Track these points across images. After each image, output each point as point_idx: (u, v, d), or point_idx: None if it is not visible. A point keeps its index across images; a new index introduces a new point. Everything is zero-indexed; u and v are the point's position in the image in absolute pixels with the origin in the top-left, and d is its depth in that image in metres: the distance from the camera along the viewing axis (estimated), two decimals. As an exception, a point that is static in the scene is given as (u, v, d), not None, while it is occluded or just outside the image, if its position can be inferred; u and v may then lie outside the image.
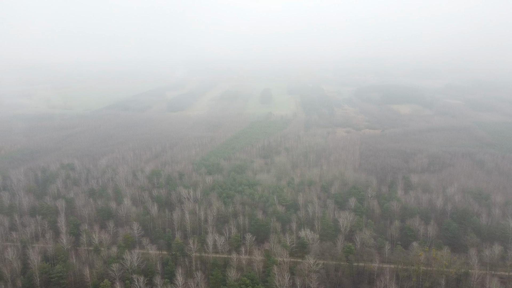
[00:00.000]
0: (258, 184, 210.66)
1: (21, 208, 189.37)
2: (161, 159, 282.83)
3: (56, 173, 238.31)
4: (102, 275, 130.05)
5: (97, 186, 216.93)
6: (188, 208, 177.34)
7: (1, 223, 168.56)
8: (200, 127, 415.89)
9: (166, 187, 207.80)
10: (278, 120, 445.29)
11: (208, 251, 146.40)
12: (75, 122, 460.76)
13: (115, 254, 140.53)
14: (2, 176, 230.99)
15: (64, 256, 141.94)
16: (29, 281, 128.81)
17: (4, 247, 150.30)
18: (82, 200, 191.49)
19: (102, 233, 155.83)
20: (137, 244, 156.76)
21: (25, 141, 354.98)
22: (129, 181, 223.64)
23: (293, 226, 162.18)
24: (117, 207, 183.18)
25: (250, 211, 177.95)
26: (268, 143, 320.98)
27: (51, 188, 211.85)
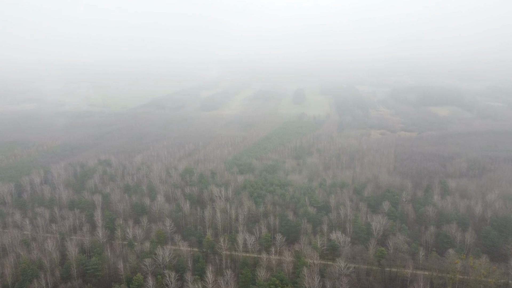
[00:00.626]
0: (289, 184, 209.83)
1: (60, 202, 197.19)
2: (194, 157, 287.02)
3: (94, 168, 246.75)
4: (135, 269, 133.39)
5: (132, 182, 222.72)
6: (220, 207, 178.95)
7: (42, 215, 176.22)
8: (233, 127, 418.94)
9: (198, 185, 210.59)
10: (310, 121, 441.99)
11: (238, 249, 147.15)
12: (112, 120, 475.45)
13: (148, 249, 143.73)
14: (44, 170, 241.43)
15: (99, 249, 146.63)
16: (67, 271, 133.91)
17: (45, 238, 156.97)
18: (118, 196, 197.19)
19: (136, 228, 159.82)
20: (169, 240, 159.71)
21: (66, 137, 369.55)
22: (162, 178, 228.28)
23: (324, 228, 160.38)
24: (151, 203, 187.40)
25: (281, 211, 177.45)
26: (300, 143, 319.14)
27: (89, 183, 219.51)
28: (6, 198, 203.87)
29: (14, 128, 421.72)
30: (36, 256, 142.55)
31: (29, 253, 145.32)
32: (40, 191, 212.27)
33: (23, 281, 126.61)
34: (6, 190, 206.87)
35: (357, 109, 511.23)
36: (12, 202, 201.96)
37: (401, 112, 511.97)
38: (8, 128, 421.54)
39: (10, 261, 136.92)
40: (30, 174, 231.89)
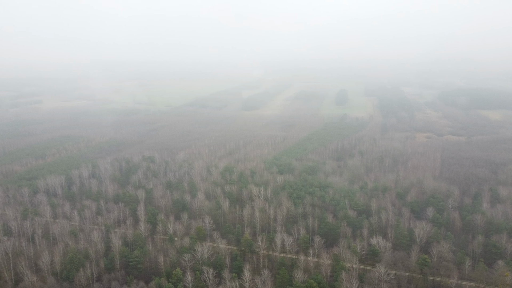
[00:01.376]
0: (329, 186, 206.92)
1: (106, 195, 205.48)
2: (234, 156, 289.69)
3: (138, 164, 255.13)
4: (174, 264, 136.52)
5: (174, 179, 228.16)
6: (258, 206, 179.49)
7: (89, 207, 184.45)
8: (274, 127, 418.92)
9: (238, 184, 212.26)
10: (353, 122, 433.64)
11: (276, 250, 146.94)
12: (157, 117, 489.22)
13: (188, 245, 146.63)
14: (92, 165, 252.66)
15: (141, 243, 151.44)
16: (111, 262, 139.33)
17: (91, 230, 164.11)
18: (160, 191, 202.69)
19: (176, 224, 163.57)
20: (208, 237, 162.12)
21: (113, 133, 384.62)
22: (203, 176, 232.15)
23: (364, 232, 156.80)
24: (191, 200, 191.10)
25: (320, 213, 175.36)
26: (342, 145, 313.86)
27: (133, 178, 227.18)
28: (57, 190, 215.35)
29: (66, 124, 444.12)
30: (83, 246, 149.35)
31: (77, 243, 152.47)
32: (88, 184, 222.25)
33: (71, 270, 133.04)
34: (58, 182, 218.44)
35: (402, 111, 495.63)
36: (62, 194, 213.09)
37: (449, 115, 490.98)
38: (60, 123, 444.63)
39: (59, 250, 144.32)
40: (79, 168, 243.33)
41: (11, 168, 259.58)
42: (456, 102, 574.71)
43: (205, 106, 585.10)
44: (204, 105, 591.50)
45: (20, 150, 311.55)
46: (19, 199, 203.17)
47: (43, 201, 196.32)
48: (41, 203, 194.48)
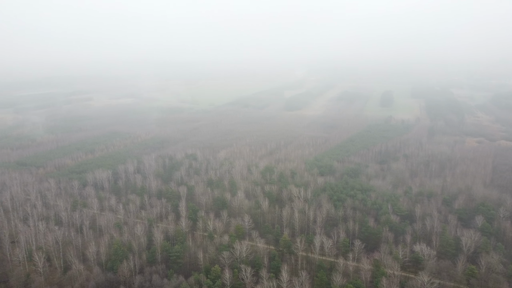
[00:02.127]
0: (371, 190, 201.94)
1: (150, 190, 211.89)
2: (275, 156, 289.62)
3: (181, 161, 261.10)
4: (213, 261, 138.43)
5: (215, 176, 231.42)
6: (298, 207, 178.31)
7: (133, 201, 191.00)
8: (315, 127, 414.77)
9: (278, 184, 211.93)
10: (398, 125, 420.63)
11: (314, 252, 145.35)
12: (200, 116, 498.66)
13: (226, 243, 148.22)
14: (137, 161, 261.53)
15: (182, 238, 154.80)
16: (152, 256, 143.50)
17: (135, 223, 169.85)
18: (201, 189, 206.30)
19: (216, 221, 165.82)
20: (247, 236, 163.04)
21: (158, 131, 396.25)
22: (243, 174, 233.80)
23: (407, 239, 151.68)
24: (231, 198, 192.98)
25: (361, 217, 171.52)
26: (386, 148, 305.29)
27: (176, 175, 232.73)
28: (105, 184, 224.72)
29: (114, 120, 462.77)
30: (127, 239, 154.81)
31: (121, 235, 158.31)
32: (133, 179, 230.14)
33: (115, 261, 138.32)
34: (105, 176, 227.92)
35: (451, 114, 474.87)
36: (109, 188, 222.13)
37: (502, 119, 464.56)
38: (109, 120, 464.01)
39: (105, 241, 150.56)
40: (125, 163, 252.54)
41: (63, 161, 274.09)
42: (510, 105, 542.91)
43: (247, 105, 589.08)
44: (246, 104, 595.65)
45: (71, 145, 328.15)
46: (70, 191, 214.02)
47: (91, 194, 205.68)
48: (89, 195, 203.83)
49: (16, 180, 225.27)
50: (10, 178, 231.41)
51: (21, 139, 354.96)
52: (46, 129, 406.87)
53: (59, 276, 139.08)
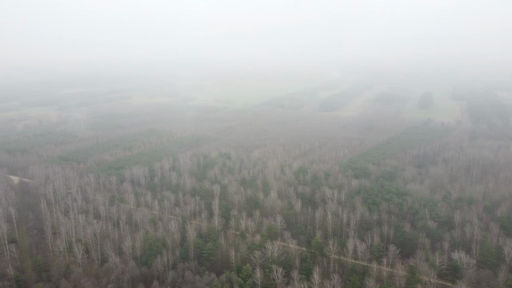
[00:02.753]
0: (408, 194, 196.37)
1: (184, 188, 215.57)
2: (308, 157, 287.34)
3: (215, 160, 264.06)
4: (245, 260, 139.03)
5: (248, 176, 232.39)
6: (331, 209, 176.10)
7: (168, 198, 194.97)
8: (351, 129, 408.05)
9: (311, 185, 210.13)
10: (437, 128, 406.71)
11: (347, 255, 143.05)
12: (234, 115, 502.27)
13: (258, 242, 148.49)
14: (172, 158, 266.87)
15: (215, 236, 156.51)
16: (185, 252, 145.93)
17: (169, 220, 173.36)
18: (234, 187, 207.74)
19: (248, 221, 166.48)
20: (278, 236, 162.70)
21: (193, 129, 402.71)
22: (277, 175, 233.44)
23: (444, 246, 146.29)
24: (264, 198, 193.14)
25: (397, 221, 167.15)
26: (424, 151, 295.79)
27: (210, 173, 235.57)
28: (141, 180, 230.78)
29: (151, 118, 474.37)
30: (161, 234, 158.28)
31: (156, 231, 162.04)
32: (168, 176, 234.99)
33: (149, 256, 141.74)
34: (141, 173, 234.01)
35: (495, 117, 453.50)
36: (145, 184, 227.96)
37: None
38: (147, 118, 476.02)
39: (140, 236, 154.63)
40: (161, 161, 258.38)
41: (102, 157, 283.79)
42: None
43: (282, 105, 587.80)
44: (281, 104, 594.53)
45: (110, 141, 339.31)
46: (108, 186, 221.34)
47: (128, 189, 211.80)
48: (126, 191, 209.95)
49: (59, 174, 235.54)
50: (53, 172, 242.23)
51: (64, 135, 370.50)
52: (87, 126, 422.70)
53: (96, 268, 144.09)
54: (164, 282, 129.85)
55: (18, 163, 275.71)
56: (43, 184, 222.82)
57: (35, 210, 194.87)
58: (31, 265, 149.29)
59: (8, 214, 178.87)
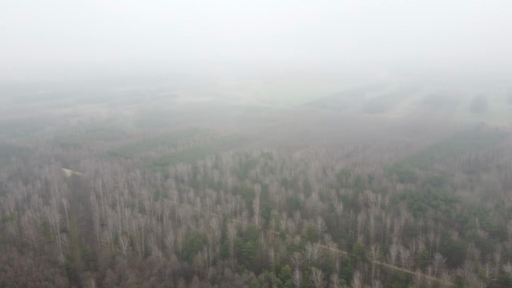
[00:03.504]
0: (457, 201, 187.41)
1: (226, 186, 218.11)
2: (352, 159, 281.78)
3: (256, 159, 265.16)
4: (284, 260, 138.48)
5: (289, 176, 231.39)
6: (374, 213, 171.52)
7: (210, 196, 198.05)
8: (397, 131, 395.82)
9: (354, 188, 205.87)
10: (491, 132, 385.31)
11: (389, 261, 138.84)
12: (277, 115, 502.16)
13: (298, 243, 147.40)
14: (215, 157, 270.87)
15: (254, 235, 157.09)
16: (225, 249, 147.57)
17: (210, 217, 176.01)
18: (275, 187, 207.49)
19: (288, 221, 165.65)
20: (319, 239, 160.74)
21: (236, 128, 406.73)
22: (318, 176, 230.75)
23: (496, 257, 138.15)
24: (305, 200, 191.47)
25: (444, 229, 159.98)
26: (476, 157, 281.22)
27: (251, 173, 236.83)
28: (184, 177, 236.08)
29: (196, 117, 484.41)
30: (202, 231, 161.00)
31: (197, 227, 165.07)
32: (211, 174, 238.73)
33: (190, 251, 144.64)
34: (185, 170, 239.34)
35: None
36: (188, 181, 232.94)
37: None
38: (191, 116, 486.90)
39: (182, 231, 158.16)
40: (204, 159, 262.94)
41: (148, 154, 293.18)
42: None
43: (326, 106, 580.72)
44: (325, 105, 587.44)
45: (156, 139, 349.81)
46: (153, 182, 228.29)
47: (172, 185, 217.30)
48: (170, 187, 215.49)
49: (108, 169, 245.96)
50: (103, 166, 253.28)
51: (113, 131, 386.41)
52: (135, 123, 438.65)
53: (140, 260, 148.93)
54: (204, 278, 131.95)
55: (71, 157, 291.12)
56: (93, 178, 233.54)
57: (85, 202, 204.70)
58: (80, 254, 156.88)
59: (61, 205, 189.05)
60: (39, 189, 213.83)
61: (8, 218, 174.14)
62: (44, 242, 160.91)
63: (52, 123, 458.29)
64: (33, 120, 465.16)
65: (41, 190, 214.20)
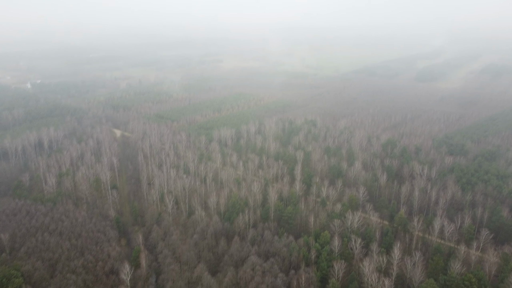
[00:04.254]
0: (510, 176, 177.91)
1: (268, 151, 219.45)
2: (399, 129, 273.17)
3: (300, 126, 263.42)
4: (323, 227, 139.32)
5: (333, 144, 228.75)
6: (419, 185, 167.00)
7: (252, 160, 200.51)
8: (450, 102, 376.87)
9: (399, 159, 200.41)
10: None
11: (432, 234, 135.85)
12: (323, 82, 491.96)
13: (339, 211, 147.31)
14: (258, 122, 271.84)
15: (295, 201, 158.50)
16: (266, 213, 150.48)
17: (252, 181, 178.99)
18: (318, 155, 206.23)
19: (330, 189, 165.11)
20: (360, 207, 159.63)
21: (280, 95, 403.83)
22: (363, 145, 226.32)
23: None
24: (348, 168, 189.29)
25: (493, 205, 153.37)
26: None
27: (294, 139, 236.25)
28: (228, 141, 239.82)
29: (241, 82, 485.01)
30: (244, 194, 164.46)
31: (239, 190, 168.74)
32: (254, 139, 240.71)
33: (232, 213, 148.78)
34: (229, 134, 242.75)
35: None
36: (231, 145, 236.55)
37: None
38: (236, 82, 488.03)
39: (225, 193, 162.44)
40: (247, 124, 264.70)
41: (194, 117, 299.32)
42: None
43: (374, 74, 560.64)
44: (373, 73, 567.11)
45: (202, 103, 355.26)
46: (198, 145, 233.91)
47: (216, 149, 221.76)
48: (214, 150, 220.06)
49: (155, 131, 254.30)
50: (150, 128, 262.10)
51: (161, 94, 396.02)
52: (181, 87, 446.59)
53: (184, 218, 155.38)
54: (244, 239, 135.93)
55: (121, 118, 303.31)
56: (141, 139, 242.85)
57: (133, 161, 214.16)
58: (128, 210, 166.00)
59: (111, 163, 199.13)
60: (92, 148, 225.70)
61: (64, 173, 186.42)
62: (96, 197, 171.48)
63: (104, 85, 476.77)
64: (86, 83, 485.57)
65: (93, 149, 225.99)
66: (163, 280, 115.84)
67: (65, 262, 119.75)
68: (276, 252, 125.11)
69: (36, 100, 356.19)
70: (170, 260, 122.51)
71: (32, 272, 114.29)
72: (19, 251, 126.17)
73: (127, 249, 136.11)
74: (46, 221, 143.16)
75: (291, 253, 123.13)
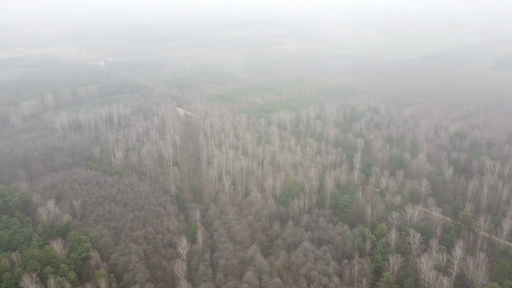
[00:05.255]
0: None
1: (327, 137, 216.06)
2: (470, 121, 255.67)
3: (362, 113, 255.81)
4: (381, 218, 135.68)
5: (396, 134, 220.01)
6: (489, 182, 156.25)
7: (311, 146, 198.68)
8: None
9: (468, 153, 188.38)
10: None
11: (500, 235, 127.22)
12: (389, 68, 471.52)
13: (398, 203, 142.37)
14: (319, 107, 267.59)
15: (352, 189, 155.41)
16: (321, 199, 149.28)
17: (309, 166, 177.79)
18: (379, 144, 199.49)
19: (390, 180, 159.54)
20: (421, 201, 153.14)
21: (343, 79, 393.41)
22: (429, 136, 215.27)
23: None
24: (410, 159, 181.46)
25: None
26: None
27: (355, 126, 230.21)
28: (287, 125, 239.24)
29: (303, 65, 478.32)
30: (300, 179, 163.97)
31: (296, 175, 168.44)
32: (313, 124, 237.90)
33: (287, 197, 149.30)
34: (288, 118, 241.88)
35: None
36: (290, 129, 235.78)
37: None
38: (298, 65, 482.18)
39: (281, 177, 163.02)
40: (308, 108, 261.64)
41: (254, 99, 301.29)
42: None
43: (445, 60, 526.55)
44: (444, 59, 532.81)
45: (262, 85, 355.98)
46: (257, 127, 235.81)
47: (274, 132, 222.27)
48: (272, 133, 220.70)
49: (216, 111, 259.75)
50: (212, 108, 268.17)
51: (223, 75, 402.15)
52: (243, 68, 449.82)
53: (240, 199, 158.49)
54: (298, 224, 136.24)
55: (184, 98, 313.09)
56: (202, 118, 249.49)
57: (194, 140, 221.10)
58: (188, 186, 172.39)
59: (174, 141, 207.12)
60: (157, 125, 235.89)
61: (130, 148, 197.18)
62: (159, 173, 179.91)
63: (169, 64, 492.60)
64: (153, 62, 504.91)
65: (158, 126, 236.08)
66: (217, 257, 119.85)
67: (128, 232, 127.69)
68: (329, 239, 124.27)
69: (108, 77, 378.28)
70: (225, 239, 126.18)
71: (99, 238, 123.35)
72: (88, 218, 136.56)
73: (185, 224, 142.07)
74: (113, 192, 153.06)
75: (345, 242, 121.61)
